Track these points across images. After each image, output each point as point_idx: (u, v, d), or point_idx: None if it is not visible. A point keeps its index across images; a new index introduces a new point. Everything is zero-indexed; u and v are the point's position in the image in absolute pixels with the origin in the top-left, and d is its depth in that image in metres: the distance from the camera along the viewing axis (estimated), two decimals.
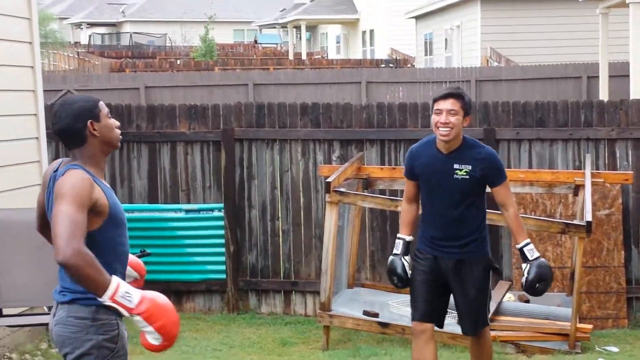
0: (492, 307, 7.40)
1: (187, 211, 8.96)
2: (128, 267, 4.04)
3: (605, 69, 14.01)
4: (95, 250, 3.52)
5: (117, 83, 21.13)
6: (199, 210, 8.98)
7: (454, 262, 5.42)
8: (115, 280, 3.45)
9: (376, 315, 7.64)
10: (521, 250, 5.35)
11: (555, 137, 8.72)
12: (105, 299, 3.43)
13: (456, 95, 5.36)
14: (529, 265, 5.29)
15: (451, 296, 5.63)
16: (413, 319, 5.53)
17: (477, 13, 25.38)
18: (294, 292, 9.01)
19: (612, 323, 8.28)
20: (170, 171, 9.17)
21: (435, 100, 5.38)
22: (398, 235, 5.67)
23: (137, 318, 3.47)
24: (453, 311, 5.97)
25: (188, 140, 9.14)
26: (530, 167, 8.71)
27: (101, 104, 3.75)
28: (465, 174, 5.32)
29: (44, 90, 8.36)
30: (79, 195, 3.49)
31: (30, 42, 7.86)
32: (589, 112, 8.72)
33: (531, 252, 5.31)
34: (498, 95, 18.54)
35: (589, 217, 7.12)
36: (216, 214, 8.98)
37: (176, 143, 9.16)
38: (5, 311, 7.06)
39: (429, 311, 5.49)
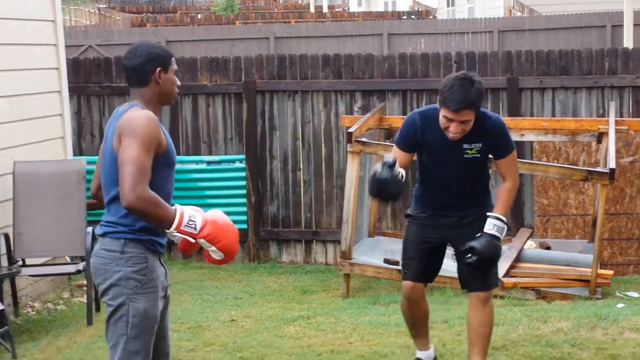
0: (504, 265, 7.37)
1: (208, 162, 9.01)
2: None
3: (630, 17, 13.79)
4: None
5: (138, 38, 20.99)
6: (220, 162, 9.02)
7: (456, 219, 4.89)
8: (178, 210, 3.57)
9: (396, 263, 7.65)
10: (487, 217, 4.73)
11: (579, 85, 8.66)
12: (173, 231, 3.55)
13: (471, 106, 4.62)
14: (480, 233, 4.69)
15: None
16: (404, 278, 5.03)
17: None
18: (314, 241, 9.07)
19: (634, 269, 8.28)
20: (192, 123, 9.19)
21: (445, 106, 4.63)
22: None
23: (202, 240, 3.61)
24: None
25: (209, 92, 9.15)
26: (553, 115, 8.67)
27: (174, 59, 3.85)
28: (476, 152, 4.77)
29: (66, 46, 8.38)
30: (148, 136, 3.58)
31: None
32: (613, 59, 8.64)
33: (491, 226, 4.69)
34: (521, 46, 18.33)
35: (612, 164, 7.09)
36: (237, 165, 9.02)
37: (198, 95, 9.18)
38: (28, 261, 7.17)
39: (422, 272, 4.99)
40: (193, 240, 3.62)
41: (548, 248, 8.01)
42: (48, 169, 7.30)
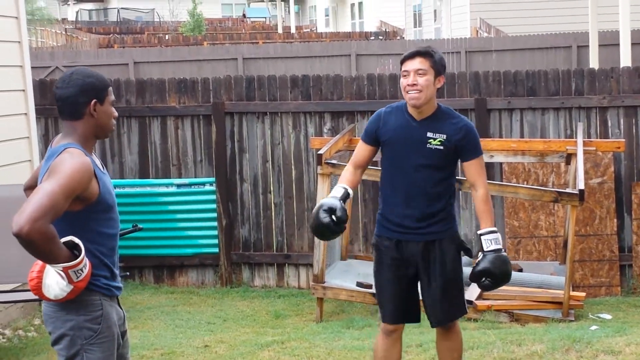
0: (473, 293, 7.35)
1: (178, 185, 8.94)
2: None
3: (595, 37, 13.95)
4: (72, 230, 3.42)
5: (105, 59, 21.00)
6: (190, 185, 8.95)
7: (422, 245, 4.69)
8: (83, 259, 3.35)
9: (370, 286, 7.63)
10: (480, 237, 4.61)
11: (547, 106, 8.71)
12: (58, 266, 3.31)
13: (424, 53, 4.64)
14: (482, 255, 4.57)
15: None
16: (384, 321, 4.82)
17: None
18: (287, 265, 9.01)
19: (605, 291, 8.31)
20: (161, 146, 9.12)
21: (403, 61, 4.69)
22: (338, 184, 4.77)
23: (70, 287, 3.38)
24: None
25: (178, 114, 9.09)
26: (522, 136, 8.70)
27: (110, 89, 3.61)
28: (439, 143, 4.62)
29: (32, 67, 8.30)
30: (73, 182, 3.34)
31: (16, 17, 7.78)
32: (580, 80, 8.69)
33: (489, 242, 4.57)
34: (488, 66, 18.49)
35: (581, 185, 7.11)
36: (208, 188, 8.96)
37: (166, 117, 9.11)
38: (1, 287, 7.04)
39: (400, 311, 4.78)
40: (64, 283, 3.35)
41: (520, 270, 8.03)
42: (14, 193, 7.17)
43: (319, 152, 7.70)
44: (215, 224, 8.99)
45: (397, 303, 4.77)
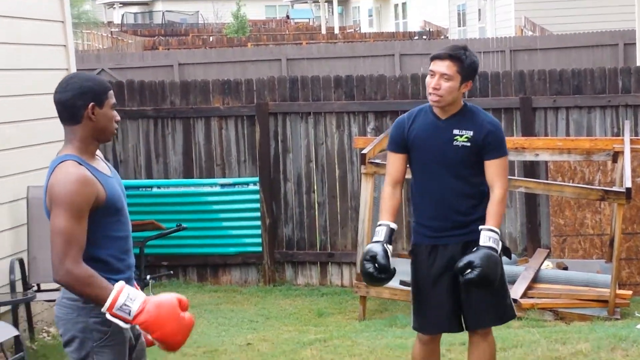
0: (517, 291, 7.25)
1: (222, 185, 8.99)
2: None
3: None
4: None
5: (150, 61, 21.18)
6: (234, 184, 9.00)
7: (461, 247, 4.53)
8: (115, 290, 3.32)
9: None
10: (480, 230, 4.48)
11: (593, 104, 8.63)
12: (106, 313, 3.33)
13: (454, 57, 4.52)
14: (476, 248, 4.42)
15: None
16: (419, 331, 4.67)
17: None
18: (330, 263, 9.02)
19: None
20: (205, 146, 9.19)
21: (432, 59, 4.59)
22: (379, 222, 4.63)
23: (136, 327, 3.38)
24: None
25: (222, 115, 9.15)
26: (567, 135, 8.63)
27: (111, 92, 3.54)
28: (466, 140, 4.52)
29: (78, 69, 8.40)
30: (77, 202, 3.31)
31: (62, 21, 7.89)
32: (627, 78, 8.61)
33: (486, 238, 4.43)
34: (533, 65, 18.32)
35: (628, 183, 7.03)
36: (251, 187, 9.00)
37: (210, 118, 9.17)
38: (43, 286, 7.15)
39: (439, 320, 4.61)
40: (126, 326, 3.36)
41: (565, 268, 7.95)
42: None
43: (363, 151, 7.70)
44: (258, 223, 9.03)
45: (435, 312, 4.61)
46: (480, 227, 4.49)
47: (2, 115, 6.99)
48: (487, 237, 4.44)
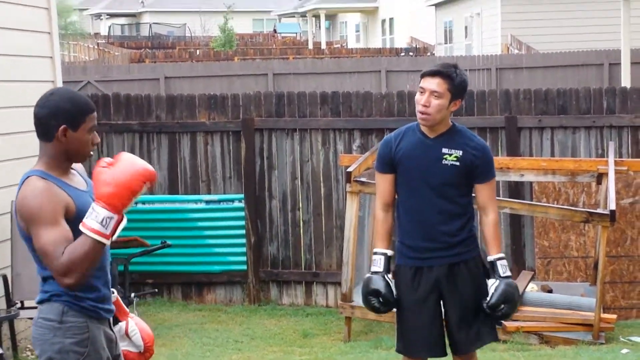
0: None
1: (207, 202, 8.95)
2: (136, 335, 3.77)
3: (627, 55, 13.85)
4: None
5: (137, 74, 21.12)
6: (219, 201, 8.96)
7: (446, 269, 4.53)
8: (88, 232, 3.26)
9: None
10: (493, 263, 4.50)
11: (578, 124, 8.64)
12: (95, 235, 3.25)
13: (445, 74, 4.50)
14: (498, 281, 4.46)
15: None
16: (403, 353, 4.65)
17: (497, 0, 25.20)
18: (315, 283, 8.98)
19: (637, 313, 8.19)
20: (191, 162, 9.15)
21: (422, 76, 4.59)
22: (375, 250, 4.67)
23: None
24: None
25: (208, 130, 9.12)
26: (552, 155, 8.64)
27: (91, 116, 3.46)
28: (455, 159, 4.49)
29: (64, 82, 8.36)
30: (46, 212, 3.30)
31: (48, 32, 7.86)
32: (611, 99, 8.63)
33: (504, 268, 4.50)
34: (519, 83, 18.40)
35: (612, 205, 7.04)
36: (236, 204, 8.97)
37: (196, 133, 9.14)
38: (26, 303, 7.08)
39: (424, 343, 4.57)
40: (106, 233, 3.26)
41: (550, 291, 7.94)
42: None
43: (348, 169, 7.68)
44: (243, 240, 8.99)
45: (419, 334, 4.58)
46: (490, 258, 4.54)
47: None
48: (503, 267, 4.53)
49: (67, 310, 3.42)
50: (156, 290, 8.83)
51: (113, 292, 3.65)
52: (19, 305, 6.96)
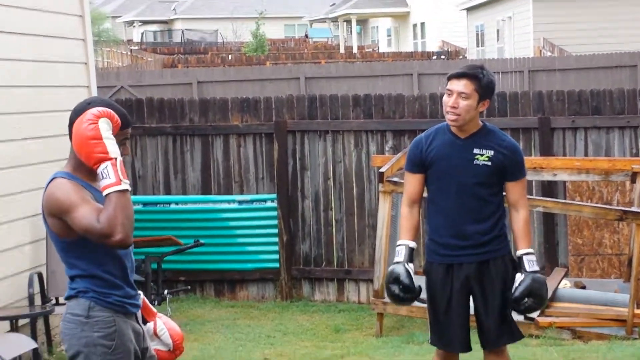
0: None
1: (240, 202, 9.03)
2: (165, 334, 3.88)
3: None
4: (78, 256, 3.51)
5: (169, 79, 21.31)
6: (251, 201, 9.04)
7: (476, 267, 4.58)
8: (108, 168, 3.40)
9: None
10: (520, 258, 4.54)
11: (612, 125, 8.64)
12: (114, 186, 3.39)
13: (471, 75, 4.53)
14: (524, 275, 4.51)
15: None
16: (437, 345, 4.69)
17: (529, 4, 25.14)
18: (347, 280, 9.04)
19: None
20: (223, 163, 9.24)
21: (449, 78, 4.60)
22: (399, 242, 4.69)
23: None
24: None
25: (241, 132, 9.21)
26: (586, 155, 8.63)
27: (124, 131, 3.61)
28: (487, 159, 4.53)
29: (98, 87, 8.48)
30: (75, 197, 3.42)
31: (83, 39, 7.98)
32: None
33: (531, 263, 4.52)
34: (551, 85, 18.34)
35: None
36: (269, 204, 9.04)
37: (229, 136, 9.23)
38: (61, 300, 7.19)
39: (458, 339, 4.62)
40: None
41: (583, 287, 7.94)
42: None
43: (381, 170, 7.73)
44: (276, 239, 9.06)
45: (454, 331, 4.63)
46: (517, 253, 4.55)
47: (26, 131, 7.07)
48: (530, 262, 4.54)
49: (94, 306, 3.51)
50: (189, 287, 8.93)
51: (140, 294, 3.74)
52: (53, 301, 7.07)
